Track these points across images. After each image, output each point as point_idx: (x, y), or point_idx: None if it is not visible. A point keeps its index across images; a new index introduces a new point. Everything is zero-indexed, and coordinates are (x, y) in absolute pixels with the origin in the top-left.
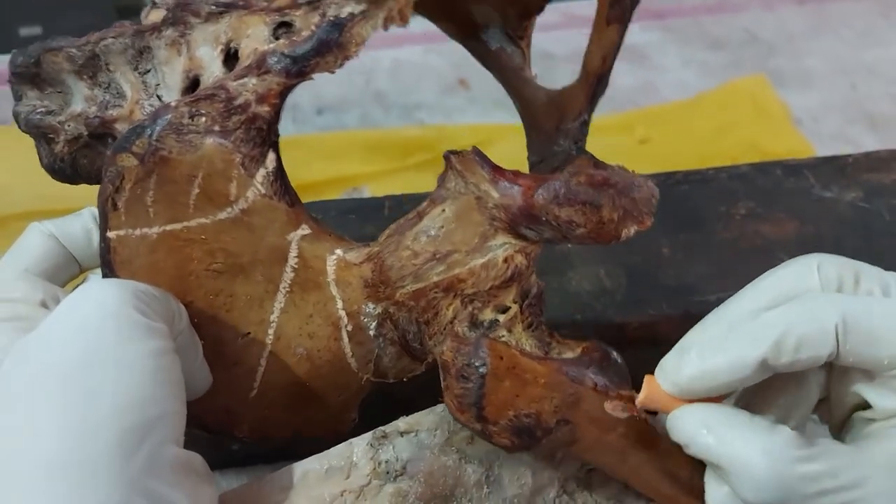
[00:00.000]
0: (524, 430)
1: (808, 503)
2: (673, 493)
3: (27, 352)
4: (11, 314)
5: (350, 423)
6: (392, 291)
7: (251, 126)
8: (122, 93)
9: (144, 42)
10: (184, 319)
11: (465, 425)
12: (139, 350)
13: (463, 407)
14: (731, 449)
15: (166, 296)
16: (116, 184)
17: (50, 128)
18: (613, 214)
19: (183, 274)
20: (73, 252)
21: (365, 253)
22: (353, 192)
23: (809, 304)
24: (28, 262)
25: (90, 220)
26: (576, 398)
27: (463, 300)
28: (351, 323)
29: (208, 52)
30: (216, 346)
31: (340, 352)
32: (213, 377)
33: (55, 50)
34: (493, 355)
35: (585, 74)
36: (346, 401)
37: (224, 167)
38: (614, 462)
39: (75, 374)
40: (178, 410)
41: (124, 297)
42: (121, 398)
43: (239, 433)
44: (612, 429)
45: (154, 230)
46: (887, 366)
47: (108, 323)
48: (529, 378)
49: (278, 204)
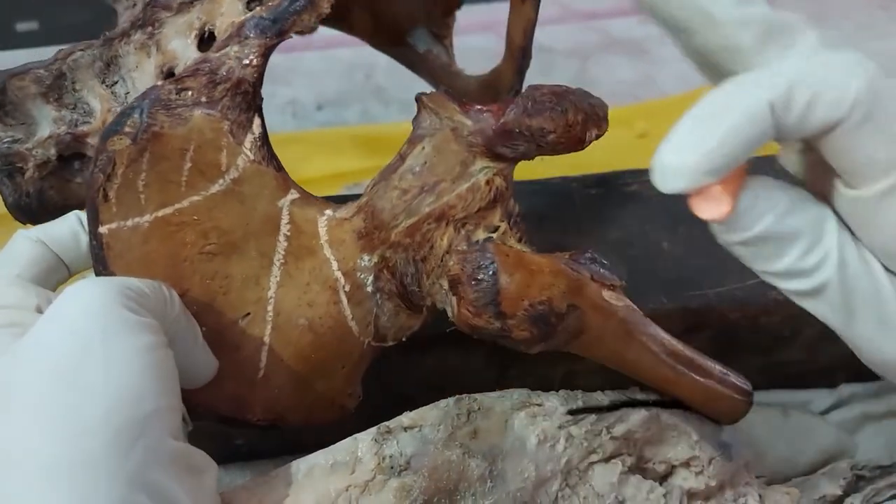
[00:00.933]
0: (540, 319)
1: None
2: (675, 375)
3: (17, 356)
4: (7, 320)
5: (356, 399)
6: (387, 234)
7: (237, 92)
8: (90, 110)
9: (112, 51)
10: (176, 306)
11: (484, 329)
12: (128, 347)
13: (479, 309)
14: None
15: (156, 285)
16: (108, 171)
17: (18, 155)
18: (577, 117)
19: (177, 261)
20: (61, 256)
21: (355, 206)
22: (353, 188)
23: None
24: (18, 268)
25: (76, 223)
26: (579, 284)
27: (456, 226)
28: (348, 282)
29: (181, 42)
30: (217, 332)
31: (341, 315)
32: (219, 363)
33: (20, 74)
34: (499, 252)
35: (510, 51)
36: (350, 372)
37: (213, 136)
38: (619, 349)
39: (66, 376)
40: (173, 405)
41: (110, 296)
42: (113, 396)
43: (252, 417)
44: (614, 314)
45: (146, 218)
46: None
47: (96, 322)
48: (536, 269)
49: (267, 169)
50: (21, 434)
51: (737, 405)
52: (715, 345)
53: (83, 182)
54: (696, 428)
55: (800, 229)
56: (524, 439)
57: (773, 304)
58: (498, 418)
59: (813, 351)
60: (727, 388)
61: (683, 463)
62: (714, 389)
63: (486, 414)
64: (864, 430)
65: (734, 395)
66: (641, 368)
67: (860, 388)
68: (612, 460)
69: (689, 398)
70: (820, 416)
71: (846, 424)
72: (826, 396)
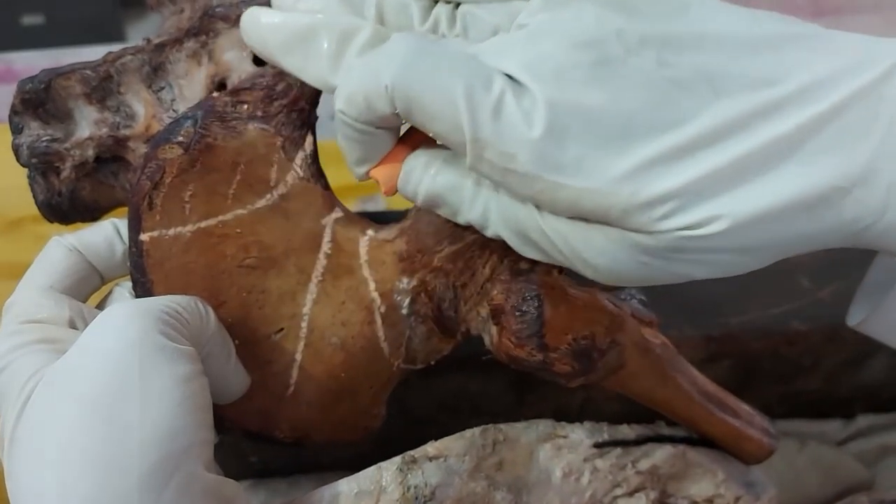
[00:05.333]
0: (582, 353)
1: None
2: (705, 414)
3: (54, 386)
4: (42, 336)
5: (380, 419)
6: (429, 258)
7: (293, 109)
8: (133, 114)
9: (162, 57)
10: (212, 323)
11: (525, 360)
12: (165, 378)
13: (523, 340)
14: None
15: (192, 303)
16: (156, 179)
17: (57, 155)
18: None
19: (215, 273)
20: (95, 265)
21: (397, 228)
22: (367, 199)
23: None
24: (52, 278)
25: (112, 231)
26: (620, 320)
27: (499, 255)
28: (384, 304)
29: (236, 54)
30: (250, 346)
31: (374, 336)
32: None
33: (67, 74)
34: (544, 284)
35: None
36: (377, 392)
37: (266, 151)
38: (653, 386)
39: (103, 411)
40: (207, 437)
41: (148, 322)
42: (149, 432)
43: (279, 434)
44: (651, 352)
45: (188, 228)
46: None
47: (133, 353)
48: (580, 303)
49: (315, 187)
50: (56, 471)
51: (762, 446)
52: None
53: (117, 185)
54: (722, 467)
55: (455, 182)
56: (549, 471)
57: (794, 334)
58: (523, 450)
59: (832, 381)
60: (754, 429)
61: (707, 500)
62: (741, 430)
63: (512, 445)
64: (882, 462)
65: (761, 436)
66: (673, 406)
67: (878, 420)
68: (636, 494)
69: (717, 437)
70: (837, 448)
71: (864, 456)
72: (844, 427)
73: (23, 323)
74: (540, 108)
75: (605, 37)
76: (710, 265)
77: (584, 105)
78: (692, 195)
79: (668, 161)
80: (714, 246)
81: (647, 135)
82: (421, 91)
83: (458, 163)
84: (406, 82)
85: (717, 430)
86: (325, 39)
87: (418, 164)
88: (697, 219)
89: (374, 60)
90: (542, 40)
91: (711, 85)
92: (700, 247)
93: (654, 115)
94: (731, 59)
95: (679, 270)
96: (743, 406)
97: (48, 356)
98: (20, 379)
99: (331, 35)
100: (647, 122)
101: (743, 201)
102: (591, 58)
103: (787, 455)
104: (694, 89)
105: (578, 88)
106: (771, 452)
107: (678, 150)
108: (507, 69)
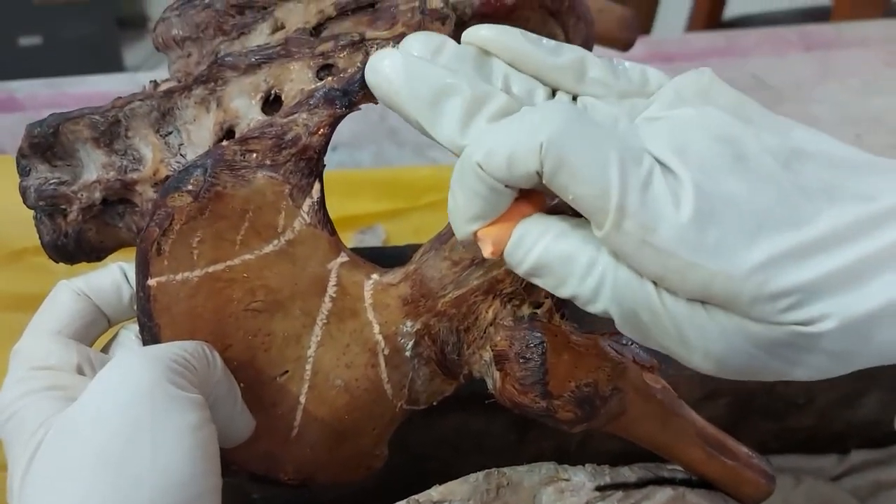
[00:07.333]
0: (585, 400)
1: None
2: (705, 456)
3: (66, 434)
4: (51, 383)
5: (382, 459)
6: (434, 303)
7: (302, 157)
8: (140, 158)
9: (171, 103)
10: (218, 369)
11: (529, 407)
12: (176, 427)
13: (526, 388)
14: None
15: (199, 349)
16: (165, 226)
17: (64, 197)
18: None
19: (222, 317)
20: (103, 309)
21: (402, 272)
22: (367, 231)
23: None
24: (61, 323)
25: (119, 274)
26: (623, 367)
27: (502, 300)
28: (388, 346)
29: (244, 102)
30: (255, 388)
31: (377, 378)
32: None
33: (76, 118)
34: (548, 332)
35: None
36: (380, 433)
37: (274, 199)
38: (655, 431)
39: (114, 461)
40: (216, 484)
41: (158, 372)
42: (160, 482)
43: (284, 476)
44: (653, 397)
45: (196, 273)
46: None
47: (143, 404)
48: (583, 350)
49: (321, 233)
50: None
51: (760, 488)
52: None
53: (123, 226)
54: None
55: (571, 252)
56: None
57: None
58: (526, 493)
59: (826, 417)
60: (753, 471)
61: None
62: (740, 472)
63: (515, 489)
64: (876, 498)
65: (759, 477)
66: (673, 449)
67: (872, 455)
68: None
69: (716, 479)
70: (832, 483)
71: (858, 492)
72: (839, 462)
73: (31, 369)
74: (688, 190)
75: (742, 135)
76: (806, 366)
77: (727, 193)
78: (810, 293)
79: (796, 257)
80: (817, 345)
81: (776, 229)
82: (576, 152)
83: (574, 234)
84: (563, 141)
85: (717, 473)
86: (461, 100)
87: (534, 229)
88: (811, 315)
89: (528, 119)
90: (686, 130)
91: (827, 194)
92: (805, 345)
93: (783, 213)
94: (841, 174)
95: (778, 367)
96: (742, 448)
97: (57, 403)
98: (29, 427)
99: (466, 97)
100: (777, 218)
101: (851, 304)
102: (731, 151)
103: (783, 491)
104: (813, 195)
105: (723, 177)
106: (769, 494)
107: (804, 248)
108: (654, 152)
